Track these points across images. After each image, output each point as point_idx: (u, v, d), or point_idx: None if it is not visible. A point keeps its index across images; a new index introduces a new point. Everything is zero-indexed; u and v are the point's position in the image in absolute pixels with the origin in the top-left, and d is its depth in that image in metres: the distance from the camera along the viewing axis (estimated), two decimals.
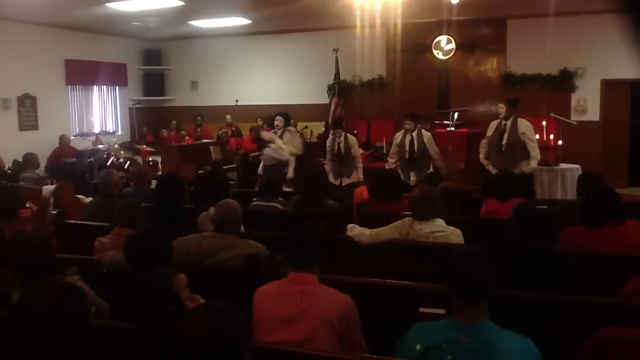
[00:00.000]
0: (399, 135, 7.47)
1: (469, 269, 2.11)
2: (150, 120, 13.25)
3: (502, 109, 6.99)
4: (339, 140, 7.47)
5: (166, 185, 4.57)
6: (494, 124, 7.21)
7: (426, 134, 7.52)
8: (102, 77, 12.12)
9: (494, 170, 6.94)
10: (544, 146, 8.03)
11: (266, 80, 12.87)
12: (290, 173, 7.83)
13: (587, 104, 10.72)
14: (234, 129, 11.85)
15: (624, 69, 10.30)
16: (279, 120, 7.95)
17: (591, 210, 3.68)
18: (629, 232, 3.62)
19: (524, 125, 6.94)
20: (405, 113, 7.89)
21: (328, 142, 7.71)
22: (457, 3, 9.00)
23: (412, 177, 7.23)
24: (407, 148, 7.31)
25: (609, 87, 10.65)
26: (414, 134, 7.30)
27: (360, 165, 7.59)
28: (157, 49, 13.63)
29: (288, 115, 8.38)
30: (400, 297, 3.01)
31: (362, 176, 7.47)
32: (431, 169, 7.38)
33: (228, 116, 12.05)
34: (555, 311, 2.74)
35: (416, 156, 7.28)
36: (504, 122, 6.99)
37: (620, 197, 3.84)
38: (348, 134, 7.71)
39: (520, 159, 6.90)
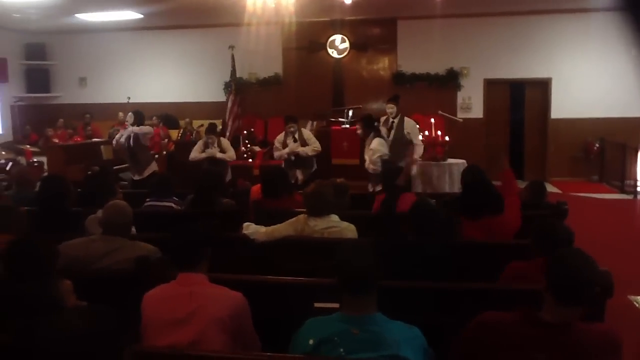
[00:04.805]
0: (280, 138, 7.53)
1: (355, 262, 2.16)
2: (35, 118, 12.40)
3: (391, 108, 7.14)
4: (213, 146, 7.59)
5: (50, 188, 4.35)
6: (382, 120, 7.37)
7: (305, 132, 7.63)
8: None
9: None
10: (432, 142, 8.41)
11: (160, 77, 12.52)
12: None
13: (472, 101, 11.36)
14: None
15: (504, 69, 11.07)
16: (130, 117, 7.78)
17: (467, 203, 3.92)
18: (506, 222, 3.90)
19: (410, 124, 7.19)
20: (304, 110, 7.96)
21: (200, 144, 7.75)
22: (350, 3, 9.20)
23: (299, 176, 7.31)
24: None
25: (491, 86, 11.35)
26: (297, 135, 7.37)
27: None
28: (41, 43, 12.81)
29: (141, 113, 8.13)
30: (294, 293, 3.04)
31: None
32: (315, 166, 7.45)
33: (120, 113, 11.52)
34: (441, 299, 2.88)
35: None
36: (391, 119, 7.19)
37: (496, 189, 4.11)
38: (222, 139, 7.89)
39: (404, 155, 7.08)
